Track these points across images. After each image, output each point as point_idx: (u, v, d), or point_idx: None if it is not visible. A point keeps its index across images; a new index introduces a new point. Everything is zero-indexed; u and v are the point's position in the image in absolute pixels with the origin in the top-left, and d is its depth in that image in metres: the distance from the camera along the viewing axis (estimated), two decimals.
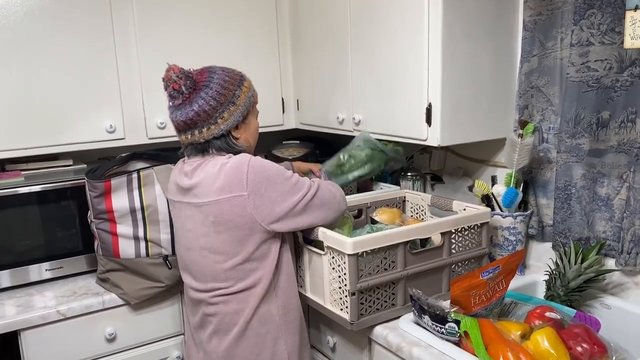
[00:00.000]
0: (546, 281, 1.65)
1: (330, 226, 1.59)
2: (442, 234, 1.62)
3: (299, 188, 1.49)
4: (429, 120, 1.74)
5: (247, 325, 1.50)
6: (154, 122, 2.14)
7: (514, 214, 1.79)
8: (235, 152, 1.50)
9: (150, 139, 2.15)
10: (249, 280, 1.48)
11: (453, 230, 1.64)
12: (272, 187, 1.44)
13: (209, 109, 1.45)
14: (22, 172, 1.99)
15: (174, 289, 1.91)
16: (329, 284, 1.58)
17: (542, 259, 1.86)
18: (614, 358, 1.30)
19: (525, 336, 1.35)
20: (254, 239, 1.46)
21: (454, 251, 1.65)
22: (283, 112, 2.45)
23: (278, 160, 2.41)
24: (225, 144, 1.50)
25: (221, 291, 1.50)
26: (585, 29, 1.61)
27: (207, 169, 1.47)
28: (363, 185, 2.23)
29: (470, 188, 1.95)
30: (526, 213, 1.80)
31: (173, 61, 1.47)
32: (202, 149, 1.51)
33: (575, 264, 1.58)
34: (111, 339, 1.87)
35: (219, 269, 1.48)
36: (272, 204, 1.44)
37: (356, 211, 1.96)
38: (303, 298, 1.68)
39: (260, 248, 1.47)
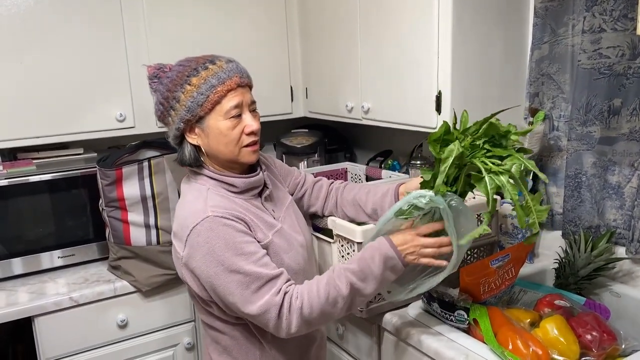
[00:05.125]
0: (556, 269, 1.65)
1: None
2: None
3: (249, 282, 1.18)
4: (438, 108, 1.73)
5: None
6: None
7: None
8: (198, 165, 1.33)
9: (160, 127, 2.14)
10: None
11: None
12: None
13: (157, 111, 1.36)
14: (34, 161, 2.00)
15: None
16: None
17: (551, 247, 1.85)
18: (623, 346, 1.30)
19: (534, 324, 1.35)
20: None
21: None
22: (292, 100, 2.44)
23: (287, 148, 2.42)
24: (182, 154, 1.33)
25: None
26: (597, 15, 1.60)
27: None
28: (372, 174, 2.23)
29: None
30: None
31: (182, 49, 1.47)
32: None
33: (585, 252, 1.57)
34: (123, 326, 1.90)
35: None
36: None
37: None
38: None
39: None
